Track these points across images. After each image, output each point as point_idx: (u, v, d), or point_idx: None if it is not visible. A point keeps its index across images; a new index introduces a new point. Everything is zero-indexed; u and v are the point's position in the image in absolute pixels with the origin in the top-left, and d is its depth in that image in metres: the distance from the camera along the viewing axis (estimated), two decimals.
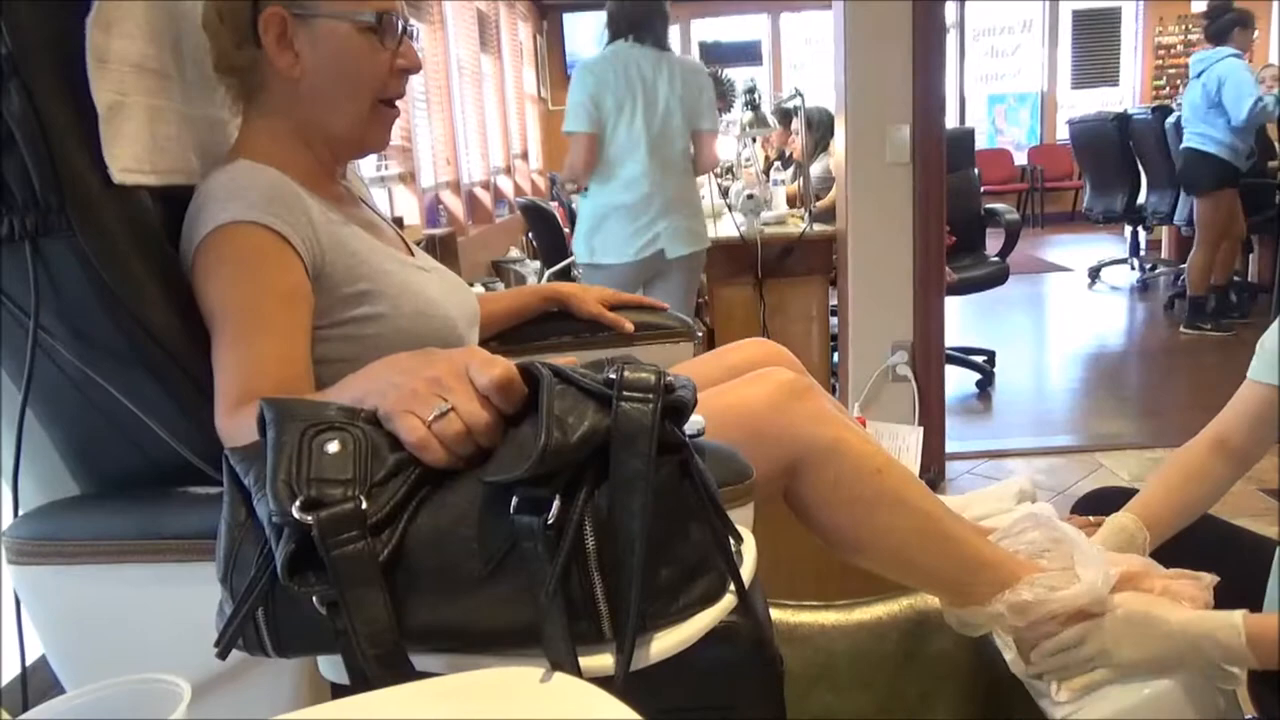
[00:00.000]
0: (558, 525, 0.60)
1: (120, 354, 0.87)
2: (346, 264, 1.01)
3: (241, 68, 1.04)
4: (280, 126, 1.06)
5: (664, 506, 0.62)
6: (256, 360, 0.88)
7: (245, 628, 0.64)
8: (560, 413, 0.61)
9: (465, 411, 0.65)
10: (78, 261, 0.84)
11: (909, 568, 1.11)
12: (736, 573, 0.68)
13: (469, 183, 5.56)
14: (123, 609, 0.87)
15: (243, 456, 0.66)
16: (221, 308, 0.91)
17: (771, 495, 1.05)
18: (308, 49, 1.02)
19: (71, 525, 0.88)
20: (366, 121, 1.08)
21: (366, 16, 1.03)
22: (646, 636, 0.64)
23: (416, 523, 0.63)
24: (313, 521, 0.59)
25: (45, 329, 0.85)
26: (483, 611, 0.63)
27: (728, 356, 1.32)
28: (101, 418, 0.89)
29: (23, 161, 0.82)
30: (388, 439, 0.66)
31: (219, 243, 0.93)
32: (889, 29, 2.64)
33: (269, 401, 0.66)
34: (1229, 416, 1.20)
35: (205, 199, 0.96)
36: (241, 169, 0.99)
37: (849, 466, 1.04)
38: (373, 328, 1.02)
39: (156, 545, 0.83)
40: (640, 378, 0.62)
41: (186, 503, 0.86)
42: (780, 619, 1.37)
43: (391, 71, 1.07)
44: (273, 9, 1.00)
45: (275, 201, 0.96)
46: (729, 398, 1.05)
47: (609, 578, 0.62)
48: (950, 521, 1.10)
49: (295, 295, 0.95)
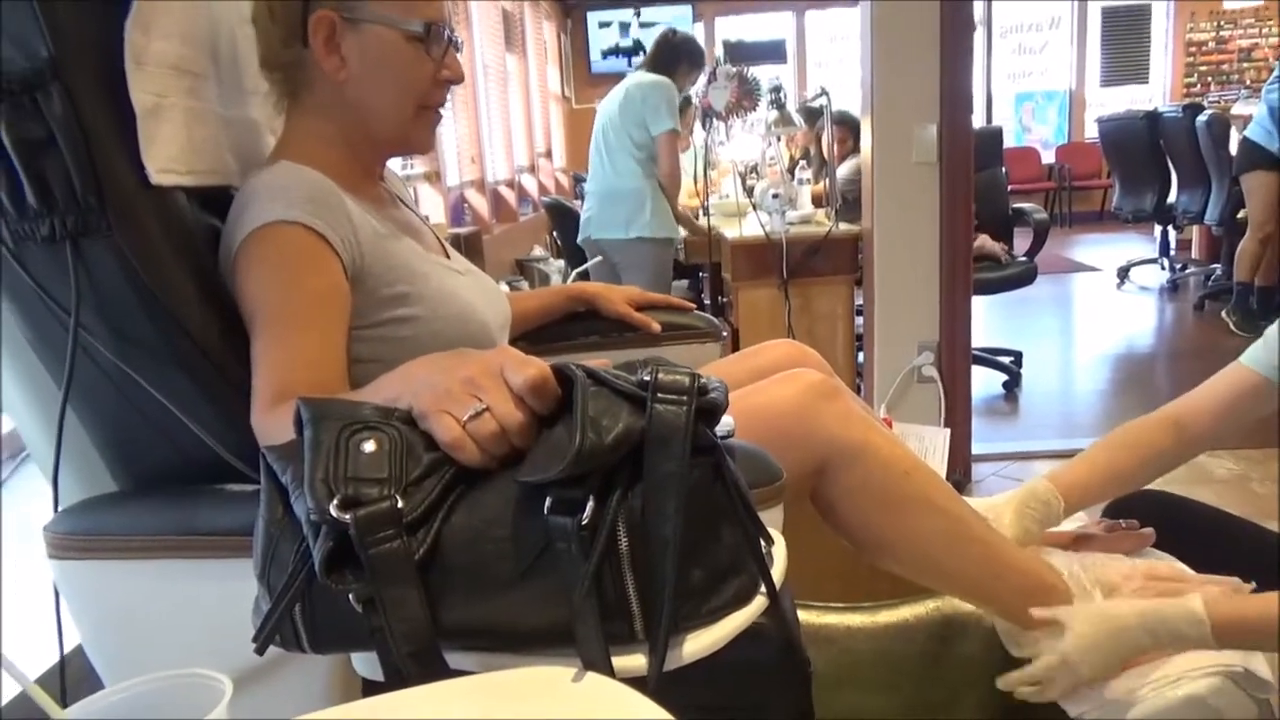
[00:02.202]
0: (591, 526, 0.61)
1: (157, 352, 0.88)
2: (385, 266, 1.02)
3: (287, 65, 1.05)
4: (323, 127, 1.07)
5: (696, 508, 0.62)
6: (293, 359, 0.89)
7: (282, 624, 0.65)
8: (595, 414, 0.61)
9: (500, 412, 0.65)
10: (116, 261, 0.85)
11: (935, 570, 1.11)
12: (768, 575, 0.68)
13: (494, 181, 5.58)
14: (158, 603, 0.88)
15: (280, 455, 0.67)
16: (261, 307, 0.92)
17: (798, 496, 1.05)
18: (355, 53, 1.03)
19: (109, 521, 0.89)
20: (409, 125, 1.09)
21: (415, 26, 1.04)
22: (679, 637, 0.64)
23: (451, 522, 0.64)
24: (350, 520, 0.60)
25: (85, 327, 0.86)
26: (516, 610, 0.63)
27: (755, 357, 1.32)
28: (139, 415, 0.90)
29: (63, 163, 0.83)
30: (423, 438, 0.67)
31: (260, 242, 0.94)
32: (916, 27, 2.62)
33: (306, 401, 0.67)
34: (1196, 400, 1.18)
35: (248, 199, 0.97)
36: (284, 169, 1.00)
37: (877, 468, 1.04)
38: (408, 329, 1.03)
39: (192, 541, 0.85)
40: (674, 380, 0.62)
41: (222, 500, 0.88)
42: (806, 620, 1.37)
43: (435, 81, 1.08)
44: (323, 11, 1.01)
45: (316, 202, 0.97)
46: (757, 399, 1.05)
47: (641, 578, 0.62)
48: (977, 525, 1.09)
49: (333, 296, 0.96)
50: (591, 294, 1.47)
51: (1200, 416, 1.17)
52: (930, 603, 1.37)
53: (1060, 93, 9.58)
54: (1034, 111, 9.65)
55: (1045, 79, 9.62)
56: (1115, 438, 1.21)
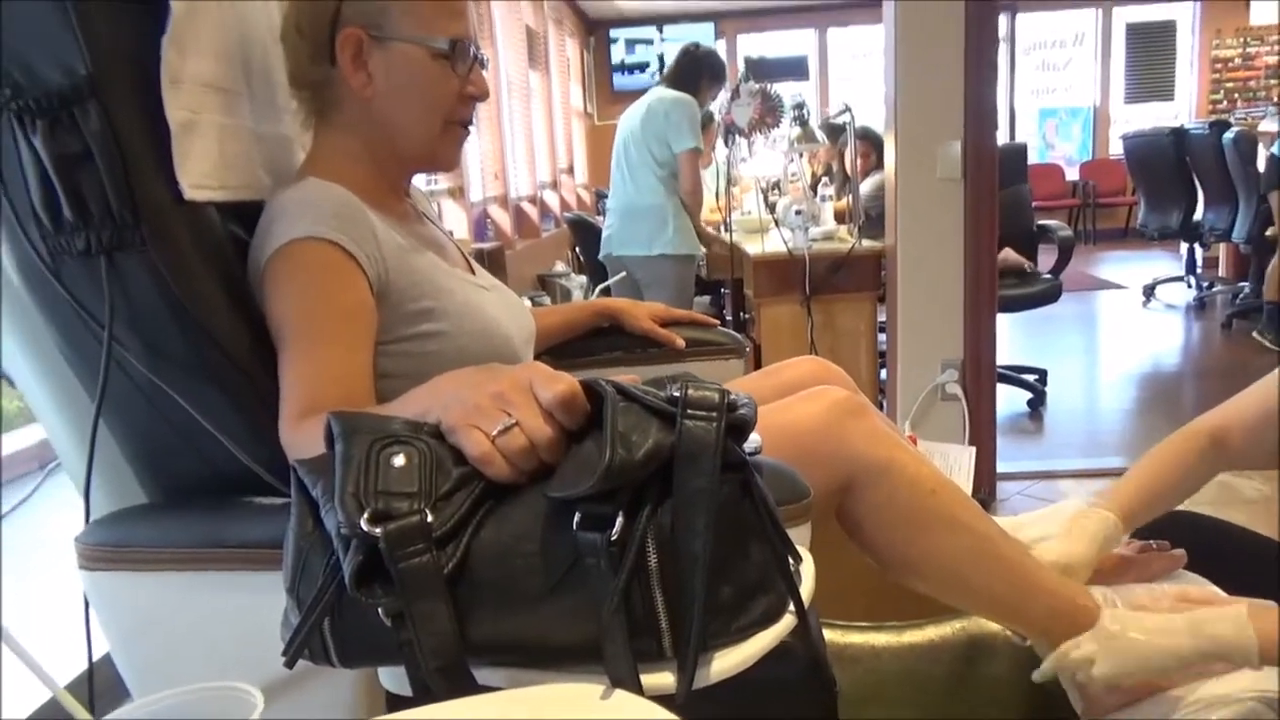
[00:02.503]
0: (620, 542, 0.60)
1: (189, 365, 0.89)
2: (410, 281, 1.03)
3: (315, 82, 1.06)
4: (350, 143, 1.08)
5: (725, 525, 0.62)
6: (320, 374, 0.90)
7: (311, 638, 0.65)
8: (625, 429, 0.61)
9: (529, 427, 0.65)
10: (149, 275, 0.87)
11: (962, 590, 1.10)
12: (796, 593, 0.68)
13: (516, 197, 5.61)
14: (187, 615, 0.89)
15: (310, 468, 0.67)
16: (288, 321, 0.93)
17: (824, 514, 1.05)
18: (381, 70, 1.04)
19: (139, 533, 0.90)
20: (436, 141, 1.10)
21: (441, 43, 1.05)
22: (707, 655, 0.63)
23: (480, 537, 0.64)
24: (380, 534, 0.60)
25: (118, 340, 0.87)
26: (545, 626, 0.63)
27: (780, 374, 1.32)
28: (170, 428, 0.91)
29: (99, 178, 0.84)
30: (452, 453, 0.67)
31: (288, 257, 0.95)
32: (940, 43, 2.62)
33: (336, 415, 0.67)
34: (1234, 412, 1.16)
35: (276, 214, 0.98)
36: (311, 186, 1.02)
37: (903, 486, 1.04)
38: (433, 345, 1.04)
39: (221, 554, 0.85)
40: (704, 396, 0.62)
41: (251, 512, 0.88)
42: (832, 639, 1.36)
43: (461, 97, 1.09)
44: (351, 29, 1.02)
45: (343, 218, 0.98)
46: (782, 416, 1.04)
47: (670, 595, 0.62)
48: (1005, 544, 1.08)
49: (360, 311, 0.97)
50: (616, 310, 1.47)
51: (1238, 431, 1.15)
52: (957, 623, 1.36)
53: (1084, 109, 9.54)
54: (1058, 128, 9.61)
55: (1069, 95, 9.58)
56: (1157, 456, 1.19)
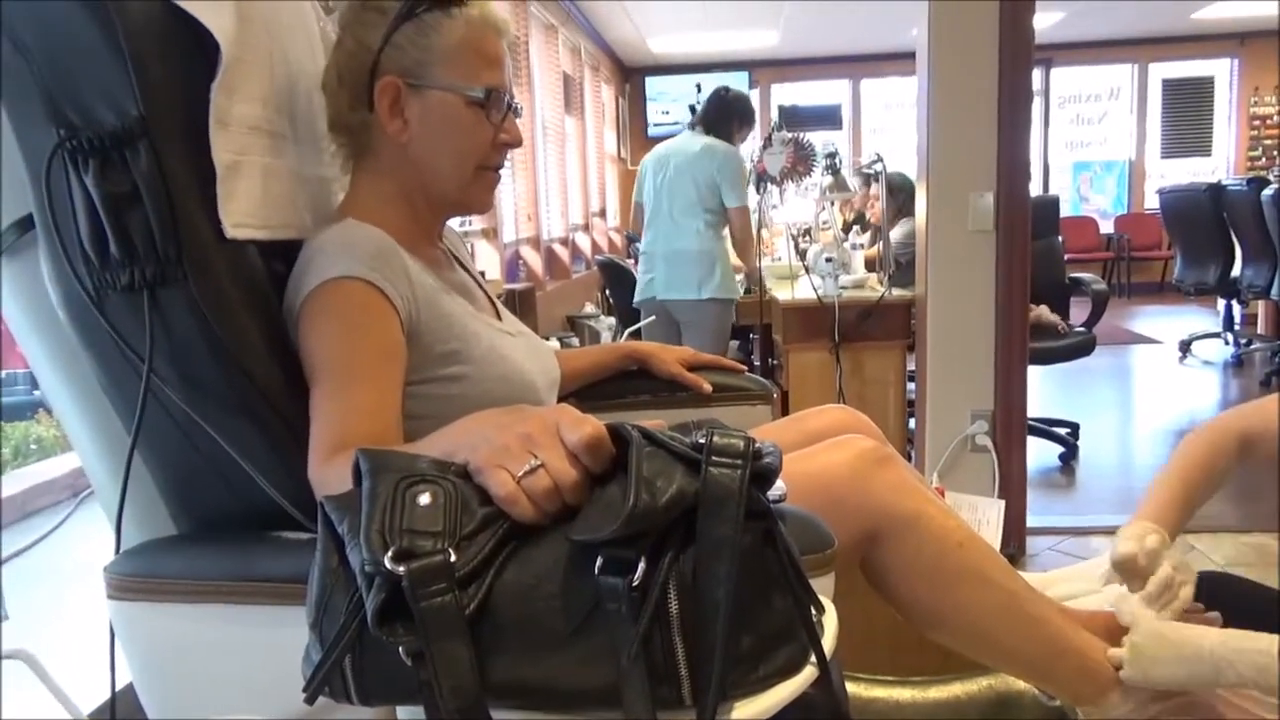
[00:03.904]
0: (642, 588, 0.60)
1: (224, 401, 0.91)
2: (439, 324, 1.05)
3: (353, 128, 1.09)
4: (386, 187, 1.11)
5: (747, 573, 0.62)
6: (351, 413, 0.91)
7: (332, 675, 0.65)
8: (649, 475, 0.61)
9: (555, 469, 0.66)
10: (190, 311, 0.88)
11: (989, 646, 1.08)
12: (819, 644, 0.67)
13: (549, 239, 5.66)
14: (210, 646, 0.89)
15: (337, 505, 0.68)
16: (322, 360, 0.94)
17: (849, 565, 1.04)
18: (417, 117, 1.07)
19: (167, 564, 0.91)
20: (469, 185, 1.12)
21: (476, 92, 1.08)
22: (727, 705, 0.63)
23: (503, 578, 0.64)
24: (404, 572, 0.61)
25: (156, 373, 0.88)
26: (565, 670, 0.63)
27: (808, 422, 1.31)
28: (202, 461, 0.93)
29: (146, 216, 0.86)
30: (477, 493, 0.67)
31: (324, 296, 0.97)
32: (974, 95, 2.64)
33: (365, 452, 0.68)
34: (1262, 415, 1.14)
35: (313, 254, 1.00)
36: (349, 227, 1.04)
37: (930, 539, 1.03)
38: (457, 388, 1.05)
39: (246, 587, 0.86)
40: (729, 443, 0.62)
41: (278, 547, 0.89)
42: (854, 693, 1.34)
43: (494, 145, 1.11)
44: (389, 78, 1.05)
45: (379, 259, 1.00)
46: (809, 464, 1.04)
47: (691, 643, 0.61)
48: (1033, 601, 1.07)
49: (393, 352, 0.98)
50: (645, 353, 1.48)
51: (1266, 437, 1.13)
52: (983, 680, 1.33)
53: (1119, 163, 9.51)
54: (1092, 181, 9.58)
55: (1104, 149, 9.56)
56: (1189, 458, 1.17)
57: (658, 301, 3.54)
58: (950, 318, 2.76)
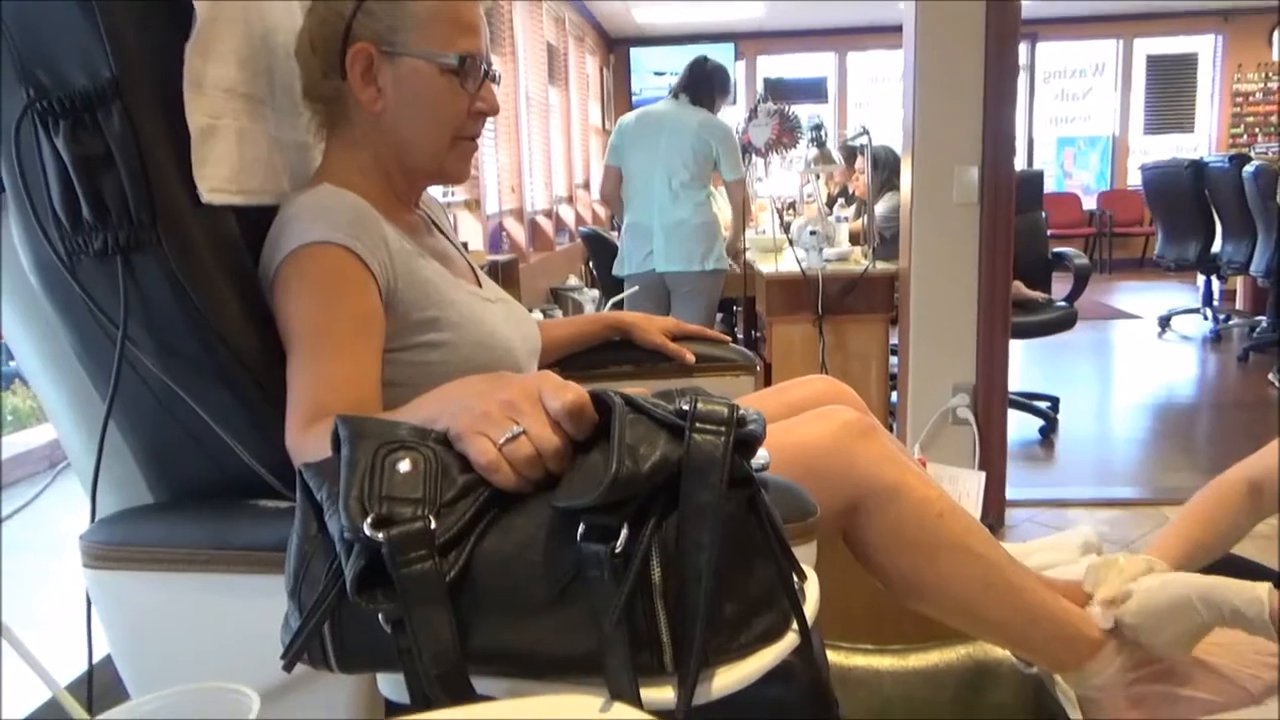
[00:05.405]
0: (624, 554, 0.60)
1: (200, 367, 0.89)
2: (417, 291, 1.03)
3: (327, 97, 1.07)
4: (360, 155, 1.09)
5: (730, 540, 0.62)
6: (329, 380, 0.90)
7: (311, 642, 0.65)
8: (632, 441, 0.61)
9: (536, 435, 0.65)
10: (165, 277, 0.87)
11: (970, 615, 1.09)
12: (800, 611, 0.67)
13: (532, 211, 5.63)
14: (188, 616, 0.88)
15: (316, 472, 0.67)
16: (299, 326, 0.93)
17: (830, 535, 1.04)
18: (390, 85, 1.05)
19: (144, 532, 0.90)
20: (444, 155, 1.11)
21: (450, 59, 1.05)
22: (708, 671, 0.63)
23: (483, 545, 0.63)
24: (383, 539, 0.60)
25: (131, 340, 0.87)
26: (546, 637, 0.63)
27: (790, 393, 1.31)
28: (179, 429, 0.91)
29: (119, 179, 0.84)
30: (457, 460, 0.66)
31: (300, 262, 0.95)
32: (959, 69, 2.63)
33: (344, 419, 0.67)
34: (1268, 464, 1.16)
35: (288, 219, 0.99)
36: (325, 192, 1.02)
37: (911, 510, 1.03)
38: (436, 354, 1.04)
39: (225, 555, 0.85)
40: (713, 410, 0.62)
41: (256, 515, 0.88)
42: (834, 661, 1.35)
43: (470, 113, 1.09)
44: (361, 45, 1.03)
45: (356, 225, 0.98)
46: (792, 434, 1.04)
47: (673, 609, 0.61)
48: (1014, 570, 1.08)
49: (370, 318, 0.97)
50: (628, 323, 1.47)
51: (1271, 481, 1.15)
52: (962, 648, 1.35)
53: (1103, 138, 9.53)
54: (1075, 157, 9.60)
55: (1088, 125, 9.58)
56: (1198, 506, 1.19)
57: (658, 274, 3.52)
58: (933, 291, 2.76)
